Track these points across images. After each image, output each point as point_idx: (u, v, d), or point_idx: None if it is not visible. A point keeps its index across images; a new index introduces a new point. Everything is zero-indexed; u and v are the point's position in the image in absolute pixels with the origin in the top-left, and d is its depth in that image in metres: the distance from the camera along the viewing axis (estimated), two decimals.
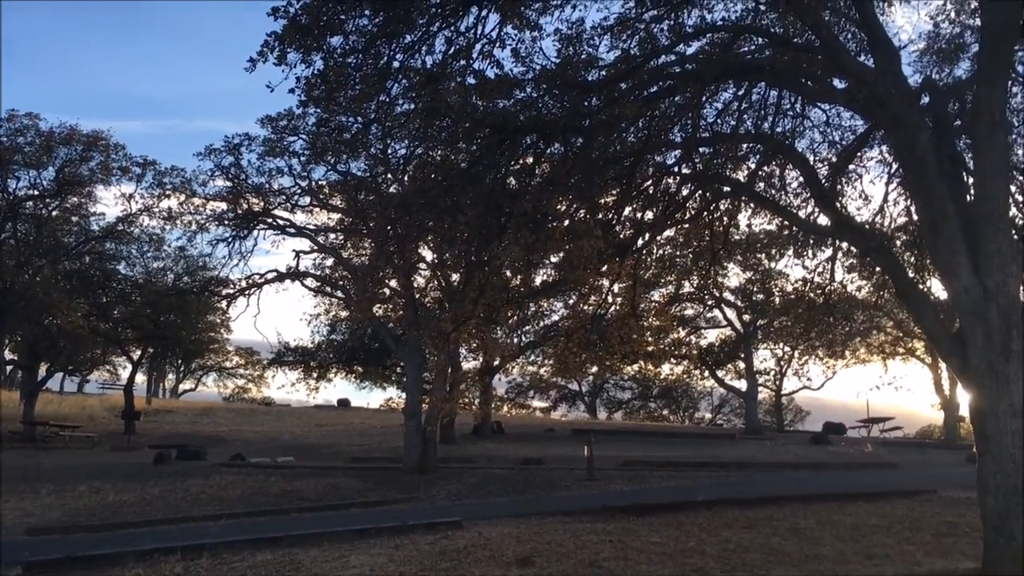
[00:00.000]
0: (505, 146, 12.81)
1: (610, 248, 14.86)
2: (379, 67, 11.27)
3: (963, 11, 15.73)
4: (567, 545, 13.35)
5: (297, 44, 10.11)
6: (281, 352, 45.50)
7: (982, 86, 11.09)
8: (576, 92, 12.53)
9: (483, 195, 12.99)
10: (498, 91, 12.37)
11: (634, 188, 14.65)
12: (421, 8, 11.24)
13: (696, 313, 52.05)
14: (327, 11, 10.27)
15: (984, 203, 10.66)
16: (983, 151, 10.82)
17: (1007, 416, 9.98)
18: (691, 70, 12.78)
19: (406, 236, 17.27)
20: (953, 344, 10.80)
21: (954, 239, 10.55)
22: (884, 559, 12.26)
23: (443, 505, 19.87)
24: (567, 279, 17.59)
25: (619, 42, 13.60)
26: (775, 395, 59.15)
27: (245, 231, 30.35)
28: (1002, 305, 10.19)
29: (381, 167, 24.21)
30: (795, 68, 12.91)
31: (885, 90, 10.93)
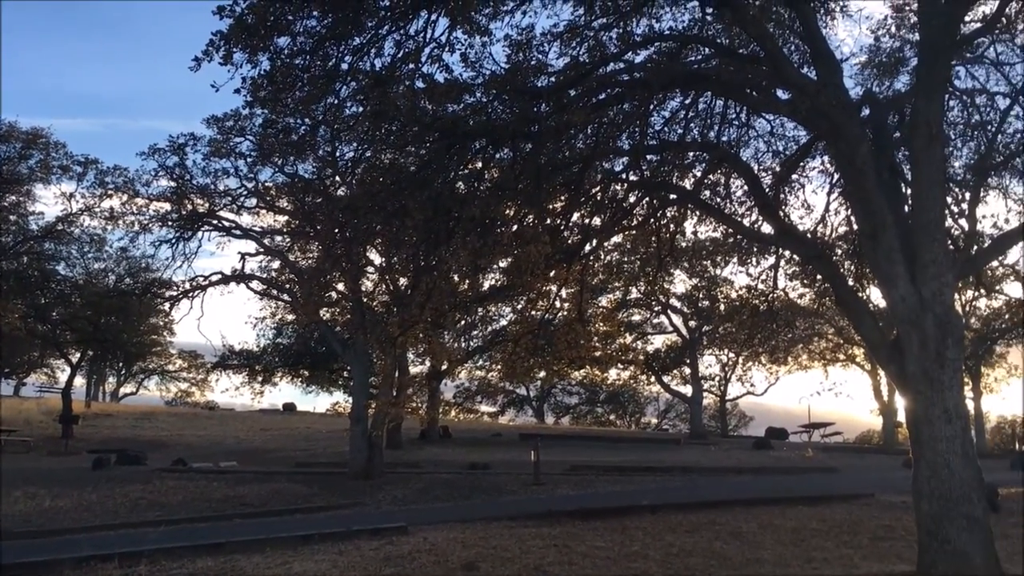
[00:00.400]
0: (454, 150, 12.79)
1: (558, 253, 14.91)
2: (327, 69, 11.18)
3: (903, 26, 16.14)
4: (512, 550, 13.36)
5: (243, 44, 9.98)
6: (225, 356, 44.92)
7: (920, 99, 11.39)
8: (525, 98, 12.55)
9: (431, 199, 12.95)
10: (447, 95, 12.35)
11: (582, 194, 14.72)
12: (370, 10, 11.18)
13: (643, 319, 52.60)
14: (274, 11, 10.16)
15: (921, 214, 10.94)
16: (920, 163, 11.11)
17: (941, 422, 10.23)
18: (639, 78, 12.89)
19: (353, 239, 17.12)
20: (891, 351, 11.05)
21: (892, 249, 10.80)
22: (823, 562, 12.47)
23: (389, 510, 19.76)
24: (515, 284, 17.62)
25: (568, 49, 13.69)
26: (720, 400, 59.92)
27: (189, 232, 29.88)
28: (938, 314, 10.46)
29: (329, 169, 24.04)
30: (740, 78, 13.10)
31: (827, 102, 11.15)
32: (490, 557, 12.82)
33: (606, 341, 40.28)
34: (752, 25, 11.97)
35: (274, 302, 38.94)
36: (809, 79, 11.97)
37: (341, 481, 24.85)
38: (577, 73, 12.87)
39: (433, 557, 12.88)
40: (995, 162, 15.68)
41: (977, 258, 13.98)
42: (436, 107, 12.78)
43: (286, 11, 10.32)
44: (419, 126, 12.67)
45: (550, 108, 12.60)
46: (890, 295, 10.88)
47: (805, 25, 12.08)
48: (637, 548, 13.52)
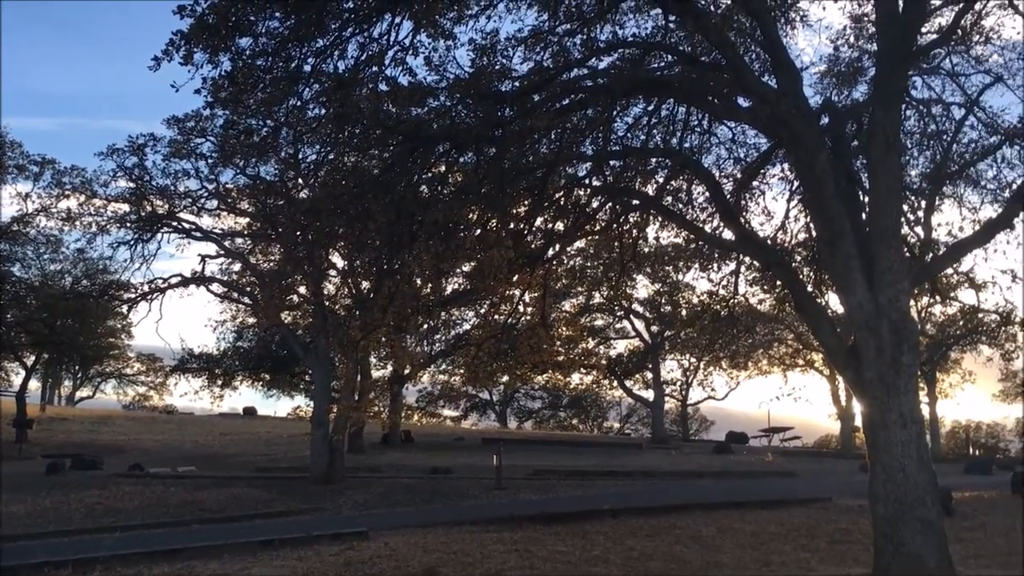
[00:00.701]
0: (417, 154, 12.75)
1: (521, 258, 14.92)
2: (289, 70, 11.09)
3: (861, 36, 16.38)
4: (473, 555, 13.34)
5: (204, 44, 9.87)
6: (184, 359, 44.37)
7: (878, 109, 11.58)
8: (489, 102, 12.55)
9: (394, 203, 12.89)
10: (411, 99, 12.32)
11: (545, 199, 14.74)
12: (333, 12, 11.12)
13: (606, 324, 52.79)
14: (236, 11, 10.06)
15: (878, 222, 11.11)
16: (878, 171, 11.29)
17: (897, 427, 10.38)
18: (602, 84, 12.95)
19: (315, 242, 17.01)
20: (848, 357, 11.20)
21: (850, 256, 10.94)
22: (780, 566, 12.61)
23: (349, 515, 19.64)
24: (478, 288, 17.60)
25: (533, 54, 13.73)
26: (681, 405, 60.32)
27: (148, 234, 29.53)
28: (894, 320, 10.62)
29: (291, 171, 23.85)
30: (702, 86, 13.21)
31: (787, 110, 11.29)
32: (451, 562, 12.80)
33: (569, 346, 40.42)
34: (714, 33, 12.08)
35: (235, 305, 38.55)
36: (770, 87, 12.10)
37: (302, 486, 24.65)
38: (541, 78, 12.90)
39: (394, 562, 12.83)
40: (950, 171, 15.96)
41: (932, 265, 14.21)
42: (400, 110, 12.74)
43: (248, 11, 10.22)
44: (382, 129, 12.62)
45: (514, 113, 12.61)
46: (847, 301, 11.03)
47: (766, 34, 12.21)
48: (598, 552, 13.57)
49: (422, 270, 15.56)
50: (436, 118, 12.70)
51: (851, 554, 13.29)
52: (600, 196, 15.72)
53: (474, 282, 17.70)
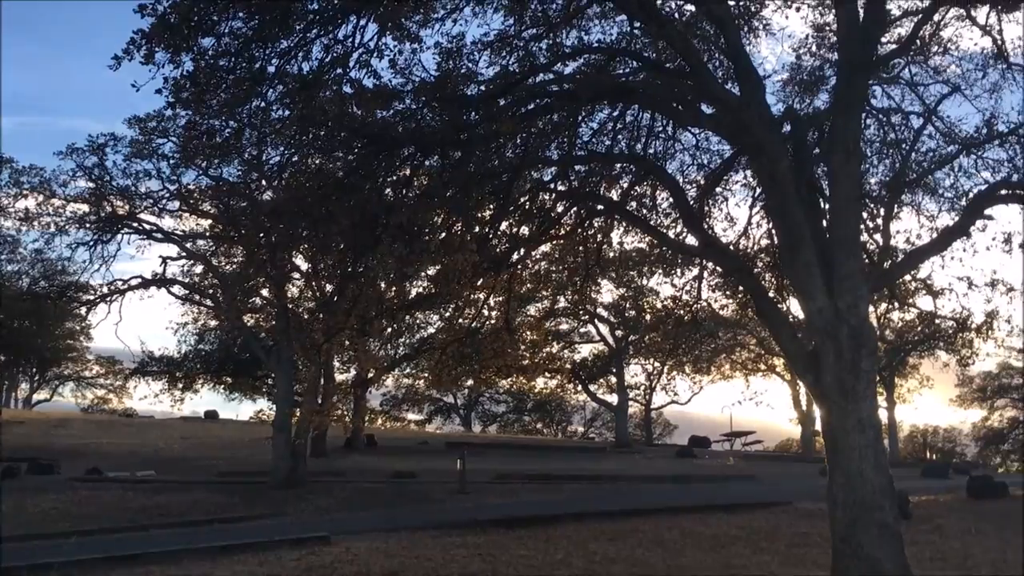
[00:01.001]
0: (382, 157, 12.71)
1: (485, 262, 14.91)
2: (253, 71, 10.99)
3: (823, 45, 16.60)
4: (436, 559, 13.31)
5: (165, 43, 9.76)
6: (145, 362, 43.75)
7: (839, 117, 11.74)
8: (455, 106, 12.55)
9: (358, 206, 12.84)
10: (376, 101, 12.27)
11: (510, 203, 14.75)
12: (298, 13, 11.04)
13: (570, 328, 52.90)
14: (198, 11, 9.96)
15: (838, 229, 11.26)
16: (838, 179, 11.44)
17: (855, 431, 10.51)
18: (567, 89, 13.01)
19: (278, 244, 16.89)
20: (808, 362, 11.31)
21: (810, 262, 11.06)
22: (741, 569, 12.72)
23: (311, 520, 19.50)
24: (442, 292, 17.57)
25: (498, 58, 13.74)
26: (645, 409, 60.62)
27: (108, 235, 29.08)
28: (853, 325, 10.75)
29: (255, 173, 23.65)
30: (667, 92, 13.30)
31: (749, 117, 11.40)
32: (413, 567, 12.76)
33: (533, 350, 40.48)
34: (678, 40, 12.19)
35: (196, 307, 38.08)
36: (733, 95, 12.21)
37: (263, 490, 24.43)
38: (507, 83, 12.92)
39: (355, 567, 12.76)
40: (908, 179, 16.21)
41: (891, 272, 14.42)
42: (365, 113, 12.68)
43: (211, 11, 10.12)
44: (347, 132, 12.56)
45: (479, 117, 12.62)
46: (807, 307, 11.15)
47: (729, 42, 12.32)
48: (561, 556, 13.60)
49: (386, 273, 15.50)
50: (401, 121, 12.66)
51: (810, 557, 13.44)
52: (565, 201, 15.76)
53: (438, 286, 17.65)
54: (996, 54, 14.95)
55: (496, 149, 13.75)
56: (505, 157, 14.27)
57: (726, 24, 12.24)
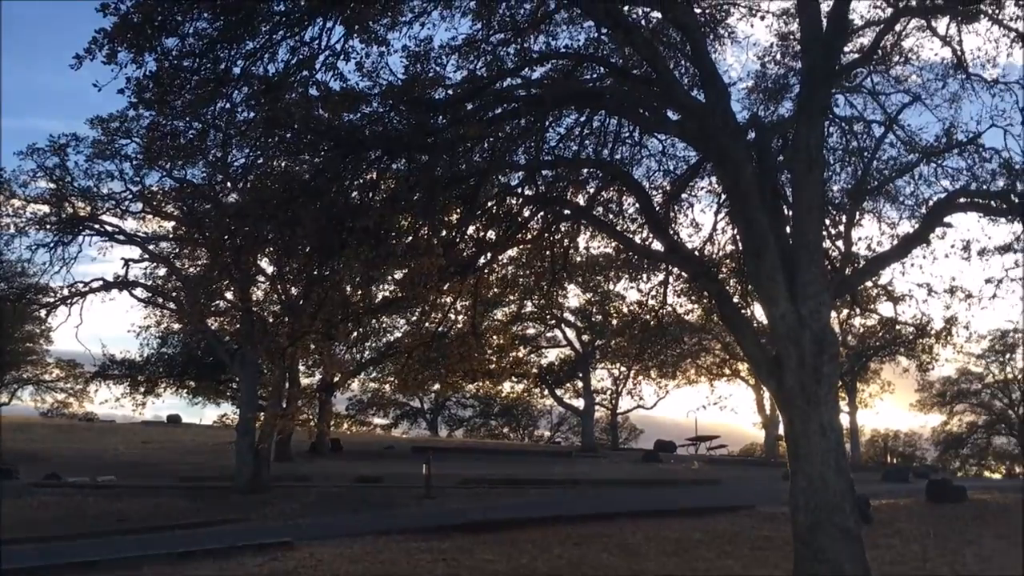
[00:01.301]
0: (349, 160, 12.65)
1: (452, 266, 14.89)
2: (217, 73, 10.90)
3: (787, 54, 16.77)
4: (401, 564, 13.26)
5: (128, 43, 9.64)
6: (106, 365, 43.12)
7: (802, 125, 11.87)
8: (422, 109, 12.53)
9: (324, 208, 12.76)
10: (343, 104, 12.21)
11: (477, 207, 14.75)
12: (264, 15, 10.96)
13: (537, 332, 52.97)
14: (162, 11, 9.85)
15: (801, 235, 11.38)
16: (801, 186, 11.57)
17: (817, 436, 10.62)
18: (534, 94, 13.04)
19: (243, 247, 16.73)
20: (771, 367, 11.41)
21: (773, 268, 11.17)
22: (704, 572, 12.80)
23: (275, 525, 19.34)
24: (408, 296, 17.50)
25: (466, 63, 13.74)
26: (611, 414, 60.81)
27: (69, 236, 28.68)
28: (815, 331, 10.87)
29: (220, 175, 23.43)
30: (633, 98, 13.39)
31: (714, 124, 11.50)
32: (377, 572, 12.70)
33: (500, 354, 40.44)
34: (644, 47, 12.26)
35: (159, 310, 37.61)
36: (698, 101, 12.31)
37: (226, 495, 24.20)
38: (474, 87, 12.94)
39: (319, 573, 12.68)
40: (870, 187, 16.43)
41: (852, 278, 14.59)
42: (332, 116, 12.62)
43: (174, 11, 10.02)
44: (313, 134, 12.49)
45: (447, 121, 12.61)
46: (771, 312, 11.25)
47: (695, 49, 12.42)
48: (526, 561, 13.60)
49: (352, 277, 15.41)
50: (368, 124, 12.61)
51: (772, 561, 13.55)
52: (532, 205, 15.79)
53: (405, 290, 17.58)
54: (956, 64, 15.22)
55: (463, 153, 13.74)
56: (472, 161, 14.26)
57: (692, 32, 12.34)
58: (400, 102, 12.50)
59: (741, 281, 16.61)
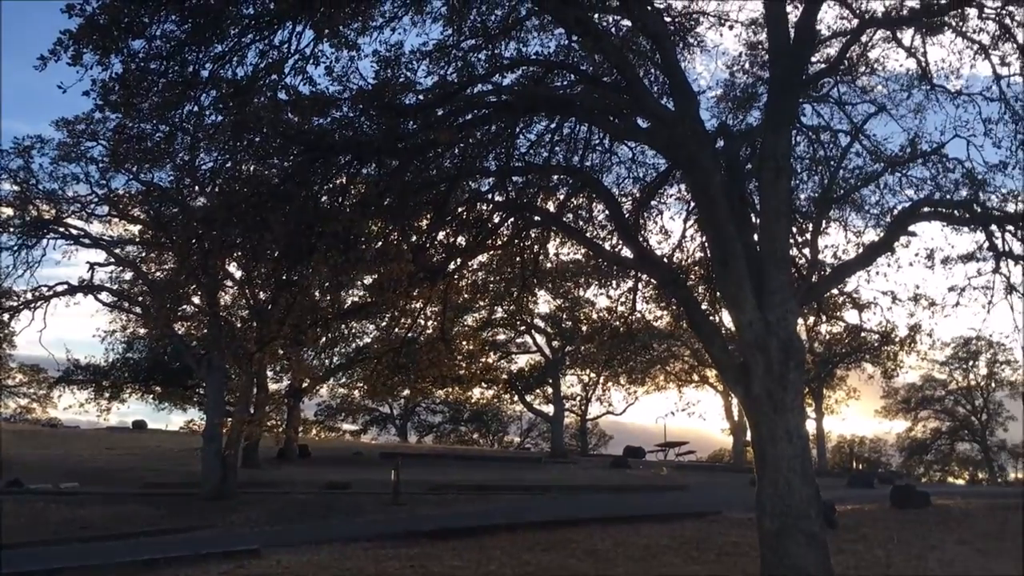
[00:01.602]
0: (318, 164, 12.60)
1: (421, 272, 14.86)
2: (185, 75, 10.80)
3: (756, 63, 16.93)
4: (368, 571, 13.19)
5: (94, 45, 9.54)
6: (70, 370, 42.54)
7: (769, 134, 11.99)
8: (392, 114, 12.50)
9: (294, 213, 12.69)
10: (312, 108, 12.16)
11: (447, 213, 14.75)
12: (233, 18, 10.89)
13: (507, 338, 52.99)
14: (129, 13, 9.75)
15: (768, 243, 11.49)
16: (768, 194, 11.69)
17: (783, 442, 10.71)
18: (505, 100, 13.06)
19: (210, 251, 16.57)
20: (738, 373, 11.49)
21: (741, 275, 11.26)
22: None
23: (241, 533, 19.16)
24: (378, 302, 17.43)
25: (437, 68, 13.73)
26: (580, 420, 60.93)
27: (33, 239, 28.26)
28: (782, 338, 10.97)
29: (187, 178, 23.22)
30: (603, 106, 13.45)
31: (683, 132, 11.58)
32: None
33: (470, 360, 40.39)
34: (614, 55, 12.34)
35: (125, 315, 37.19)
36: (668, 109, 12.40)
37: (192, 502, 23.94)
38: (445, 92, 12.93)
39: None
40: (836, 195, 16.62)
41: (818, 286, 14.75)
42: (301, 120, 12.56)
43: (141, 13, 9.92)
44: (283, 138, 12.42)
45: (417, 126, 12.60)
46: (738, 319, 11.33)
47: (664, 57, 12.50)
48: (494, 567, 13.57)
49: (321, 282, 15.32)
50: (338, 129, 12.57)
51: (739, 566, 13.64)
52: (502, 212, 15.81)
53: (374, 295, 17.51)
54: (920, 75, 15.46)
55: (433, 159, 13.74)
56: (442, 167, 14.25)
57: (661, 40, 12.42)
58: (370, 107, 12.47)
59: (709, 288, 16.73)
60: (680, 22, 15.59)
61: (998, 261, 14.96)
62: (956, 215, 14.34)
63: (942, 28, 14.53)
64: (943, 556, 14.73)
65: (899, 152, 16.32)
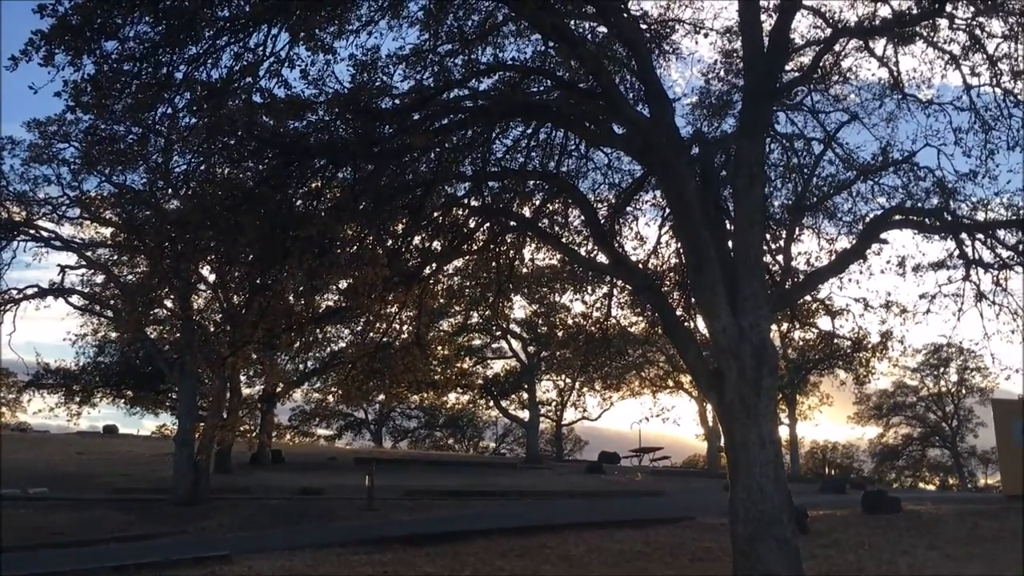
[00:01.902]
0: (293, 168, 12.54)
1: (396, 276, 14.82)
2: (158, 77, 10.72)
3: (730, 71, 17.05)
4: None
5: (66, 45, 9.44)
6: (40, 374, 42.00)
7: (744, 141, 12.07)
8: (368, 118, 12.47)
9: (268, 216, 12.62)
10: (288, 111, 12.10)
11: (423, 218, 14.73)
12: (208, 20, 10.82)
13: (483, 343, 52.92)
14: (102, 13, 9.67)
15: (742, 250, 11.57)
16: (742, 201, 11.77)
17: (756, 447, 10.77)
18: (482, 105, 13.07)
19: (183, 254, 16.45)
20: (712, 379, 11.56)
21: (715, 282, 11.33)
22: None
23: (213, 538, 18.99)
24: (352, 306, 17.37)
25: (413, 72, 13.71)
26: (556, 425, 60.96)
27: (3, 242, 27.88)
28: (755, 344, 11.04)
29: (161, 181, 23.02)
30: (579, 111, 13.49)
31: (659, 138, 11.65)
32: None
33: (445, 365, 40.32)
34: (590, 61, 12.37)
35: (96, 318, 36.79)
36: (643, 116, 12.46)
37: (163, 508, 23.70)
38: (421, 97, 12.91)
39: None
40: (809, 203, 16.74)
41: (792, 292, 14.84)
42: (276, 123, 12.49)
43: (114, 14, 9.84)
44: (257, 141, 12.35)
45: (393, 130, 12.57)
46: (712, 325, 11.40)
47: (640, 64, 12.57)
48: (468, 573, 13.54)
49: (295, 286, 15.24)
50: (313, 132, 12.52)
51: (712, 571, 13.67)
52: (478, 216, 15.81)
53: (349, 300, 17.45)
54: (892, 85, 15.61)
55: (409, 163, 13.72)
56: (418, 171, 14.24)
57: (637, 47, 12.49)
58: (346, 110, 12.42)
59: (684, 294, 16.77)
60: (656, 29, 15.67)
61: (968, 269, 15.13)
62: (927, 223, 14.48)
63: (914, 38, 14.71)
64: (914, 561, 14.84)
65: (871, 160, 16.46)
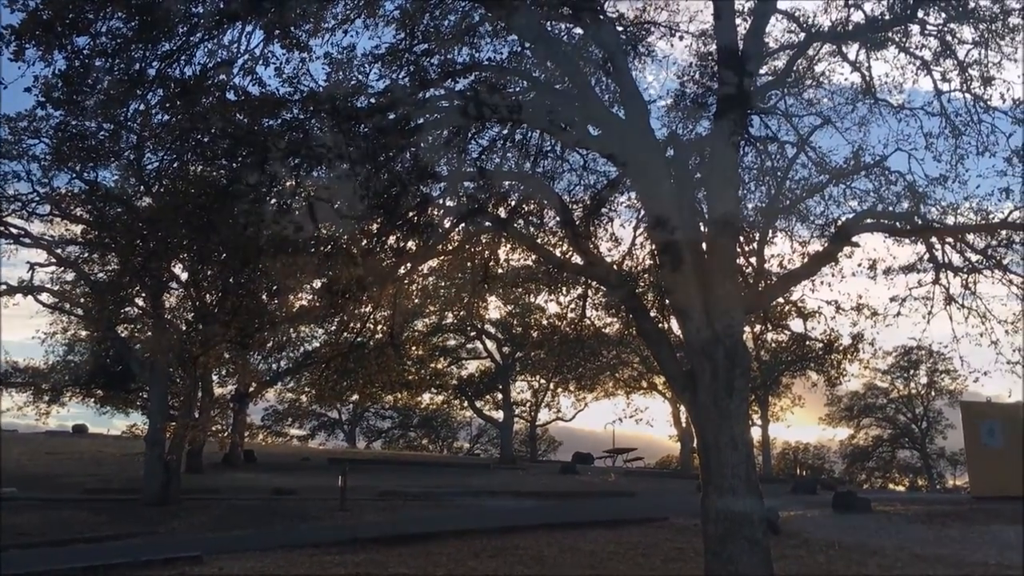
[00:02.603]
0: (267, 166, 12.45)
1: (370, 276, 14.76)
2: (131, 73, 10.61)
3: (705, 74, 17.11)
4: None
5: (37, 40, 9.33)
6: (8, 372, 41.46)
7: (718, 143, 12.13)
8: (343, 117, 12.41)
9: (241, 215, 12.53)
10: (262, 109, 12.03)
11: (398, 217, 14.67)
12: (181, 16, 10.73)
13: (457, 344, 52.84)
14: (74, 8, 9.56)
15: (715, 252, 11.61)
16: (717, 204, 11.81)
17: (728, 449, 10.83)
18: (457, 105, 13.05)
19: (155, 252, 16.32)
20: (686, 380, 11.62)
21: (689, 283, 11.38)
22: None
23: (184, 539, 18.79)
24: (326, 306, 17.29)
25: (389, 72, 13.66)
26: (530, 426, 60.97)
27: None
28: (728, 346, 11.10)
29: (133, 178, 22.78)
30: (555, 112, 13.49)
31: (634, 140, 11.67)
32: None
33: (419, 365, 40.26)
34: (566, 62, 12.39)
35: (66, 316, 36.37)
36: (618, 117, 12.49)
37: (133, 508, 23.44)
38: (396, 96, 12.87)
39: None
40: (782, 206, 16.85)
41: (764, 295, 14.94)
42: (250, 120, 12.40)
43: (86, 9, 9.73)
44: (231, 139, 12.26)
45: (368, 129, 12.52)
46: (686, 327, 11.45)
47: (616, 66, 12.61)
48: (442, 573, 13.52)
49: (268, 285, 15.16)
50: (288, 131, 12.44)
51: (684, 571, 13.76)
52: (453, 216, 15.77)
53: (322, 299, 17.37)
54: (865, 89, 15.75)
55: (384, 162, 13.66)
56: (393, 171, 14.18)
57: (613, 49, 12.51)
58: (321, 109, 12.36)
59: (658, 296, 16.82)
60: (632, 32, 15.71)
61: (938, 272, 15.30)
62: (898, 227, 14.62)
63: (886, 44, 14.85)
64: (883, 561, 15.01)
65: (843, 164, 16.60)
